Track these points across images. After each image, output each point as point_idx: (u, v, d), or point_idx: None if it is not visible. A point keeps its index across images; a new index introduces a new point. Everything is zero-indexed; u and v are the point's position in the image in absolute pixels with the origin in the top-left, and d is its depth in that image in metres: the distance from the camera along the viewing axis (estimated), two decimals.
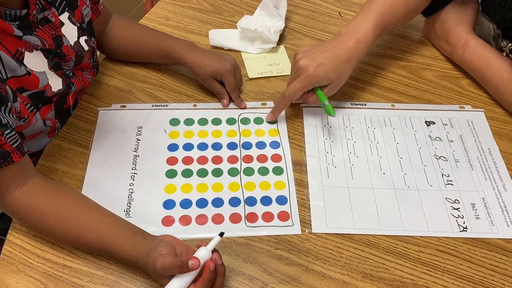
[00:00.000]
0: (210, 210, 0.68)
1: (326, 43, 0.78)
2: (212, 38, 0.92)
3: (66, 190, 0.66)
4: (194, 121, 0.79)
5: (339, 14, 1.01)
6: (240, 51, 0.92)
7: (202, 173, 0.72)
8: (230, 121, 0.80)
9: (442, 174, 0.74)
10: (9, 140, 0.59)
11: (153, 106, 0.81)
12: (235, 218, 0.67)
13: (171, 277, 0.56)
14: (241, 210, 0.68)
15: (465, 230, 0.67)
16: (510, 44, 0.84)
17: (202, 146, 0.76)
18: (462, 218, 0.69)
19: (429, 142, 0.78)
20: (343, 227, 0.67)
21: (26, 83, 0.64)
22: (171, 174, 0.72)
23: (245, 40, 0.92)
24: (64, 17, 0.70)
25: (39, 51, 0.66)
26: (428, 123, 0.81)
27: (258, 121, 0.80)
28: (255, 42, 0.91)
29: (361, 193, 0.71)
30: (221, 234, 0.58)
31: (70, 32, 0.71)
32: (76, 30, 0.72)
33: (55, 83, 0.68)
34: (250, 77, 0.87)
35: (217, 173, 0.72)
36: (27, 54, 0.64)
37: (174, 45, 0.82)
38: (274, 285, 0.61)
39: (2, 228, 0.75)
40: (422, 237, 0.67)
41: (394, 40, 0.96)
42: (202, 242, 0.58)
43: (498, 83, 0.82)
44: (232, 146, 0.76)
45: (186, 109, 0.81)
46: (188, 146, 0.76)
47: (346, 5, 1.03)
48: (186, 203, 0.69)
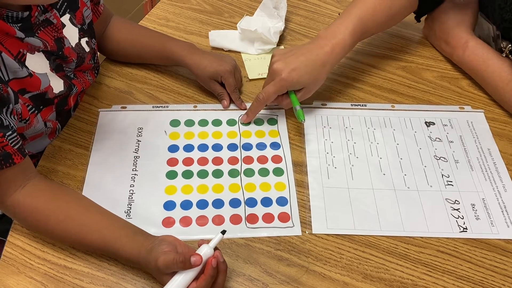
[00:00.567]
0: (210, 211, 0.68)
1: (302, 46, 0.77)
2: (212, 39, 0.92)
3: (67, 191, 0.66)
4: (195, 122, 0.79)
5: (339, 15, 1.01)
6: (240, 52, 0.92)
7: (203, 174, 0.72)
8: (231, 122, 0.80)
9: (442, 175, 0.74)
10: (10, 141, 0.59)
11: (153, 107, 0.81)
12: (236, 219, 0.67)
13: (173, 274, 0.56)
14: (241, 211, 0.68)
15: (465, 230, 0.68)
16: (510, 45, 0.84)
17: (203, 147, 0.76)
18: (462, 218, 0.69)
19: (429, 143, 0.78)
20: (344, 228, 0.67)
21: (27, 85, 0.64)
22: (172, 175, 0.72)
23: (245, 41, 0.92)
24: (65, 18, 0.70)
25: (41, 53, 0.66)
26: (428, 124, 0.81)
27: (259, 122, 0.80)
28: (255, 43, 0.92)
29: (361, 193, 0.71)
30: (223, 232, 0.59)
31: (71, 33, 0.71)
32: (77, 31, 0.73)
33: (57, 85, 0.69)
34: (250, 78, 0.87)
35: (217, 174, 0.72)
36: (29, 55, 0.64)
37: (174, 46, 0.82)
38: (275, 286, 0.61)
39: (3, 229, 0.75)
40: (422, 237, 0.67)
41: (394, 40, 0.96)
42: (203, 241, 0.58)
43: (497, 84, 0.83)
44: (232, 147, 0.76)
45: (187, 110, 0.81)
46: (188, 147, 0.76)
47: (346, 6, 1.03)
48: (186, 204, 0.69)
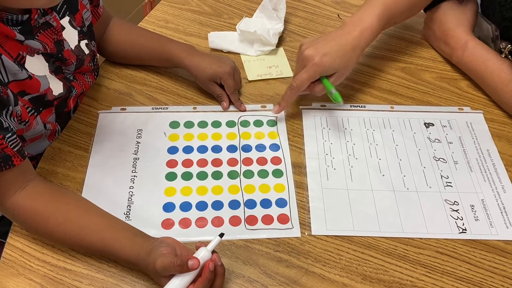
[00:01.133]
0: (209, 213, 0.68)
1: (331, 33, 0.78)
2: (211, 41, 0.92)
3: (66, 193, 0.66)
4: (194, 123, 0.80)
5: (338, 16, 1.01)
6: (239, 54, 0.92)
7: (202, 175, 0.72)
8: (230, 123, 0.80)
9: (441, 176, 0.74)
10: (10, 143, 0.59)
11: (153, 108, 0.81)
12: (235, 221, 0.67)
13: (171, 277, 0.56)
14: (240, 213, 0.68)
15: (464, 231, 0.68)
16: (509, 45, 0.84)
17: (202, 149, 0.76)
18: (461, 219, 0.69)
19: (428, 144, 0.78)
20: (343, 229, 0.67)
21: (27, 87, 0.64)
22: (171, 177, 0.72)
23: (244, 42, 0.92)
24: (65, 21, 0.70)
25: (40, 55, 0.66)
26: (427, 125, 0.81)
27: (258, 123, 0.80)
28: (254, 45, 0.92)
29: (360, 195, 0.71)
30: (221, 235, 0.59)
31: (70, 36, 0.71)
32: (76, 34, 0.73)
33: (56, 87, 0.69)
34: (250, 79, 0.87)
35: (217, 175, 0.73)
36: (29, 58, 0.64)
37: (174, 48, 0.82)
38: (274, 287, 0.61)
39: (2, 231, 0.75)
40: (421, 239, 0.67)
41: (393, 42, 0.96)
42: (201, 244, 0.58)
43: (497, 85, 0.83)
44: (232, 148, 0.76)
45: (186, 111, 0.81)
46: (188, 149, 0.76)
47: (345, 7, 1.03)
48: (186, 206, 0.69)
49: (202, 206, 0.69)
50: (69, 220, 0.61)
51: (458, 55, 0.87)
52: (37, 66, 0.65)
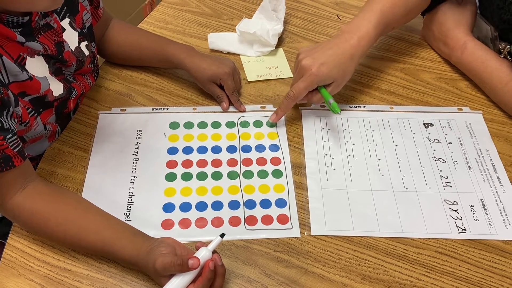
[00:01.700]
0: (209, 213, 0.68)
1: (328, 42, 0.78)
2: (211, 42, 0.92)
3: (67, 193, 0.67)
4: (194, 124, 0.80)
5: (338, 17, 1.01)
6: (239, 54, 0.92)
7: (202, 176, 0.73)
8: (230, 124, 0.80)
9: (441, 176, 0.74)
10: (10, 144, 0.59)
11: (152, 109, 0.81)
12: (235, 221, 0.68)
13: (171, 277, 0.56)
14: (240, 213, 0.68)
15: (463, 231, 0.68)
16: (508, 46, 0.84)
17: (202, 149, 0.76)
18: (461, 219, 0.69)
19: (427, 144, 0.78)
20: (342, 229, 0.67)
21: (27, 88, 0.64)
22: (171, 177, 0.72)
23: (244, 43, 0.93)
24: (65, 23, 0.71)
25: (41, 57, 0.66)
26: (426, 125, 0.81)
27: (258, 124, 0.80)
28: (254, 45, 0.92)
29: (360, 195, 0.71)
30: (222, 235, 0.59)
31: (71, 37, 0.71)
32: (77, 35, 0.73)
33: (56, 88, 0.69)
34: (249, 80, 0.87)
35: (216, 176, 0.73)
36: (29, 59, 0.64)
37: (174, 49, 0.82)
38: (274, 287, 0.61)
39: (2, 232, 0.75)
40: (421, 238, 0.67)
41: (392, 42, 0.96)
42: (201, 244, 0.58)
43: (496, 85, 0.83)
44: (231, 149, 0.77)
45: (186, 112, 0.81)
46: (187, 150, 0.76)
47: (345, 8, 1.04)
48: (185, 206, 0.69)
49: (202, 206, 0.69)
50: (69, 220, 0.62)
51: (457, 56, 0.88)
52: (37, 67, 0.65)
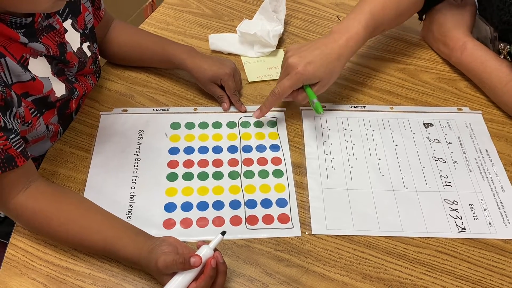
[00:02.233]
0: (210, 213, 0.69)
1: (316, 41, 0.78)
2: (212, 42, 0.93)
3: (69, 193, 0.67)
4: (195, 124, 0.80)
5: (338, 18, 1.02)
6: (239, 55, 0.93)
7: (203, 176, 0.73)
8: (231, 124, 0.80)
9: (441, 176, 0.75)
10: (13, 144, 0.60)
11: (154, 110, 0.82)
12: (236, 221, 0.68)
13: (173, 275, 0.57)
14: (241, 212, 0.69)
15: (463, 230, 0.68)
16: (508, 46, 0.84)
17: (203, 150, 0.77)
18: (461, 219, 0.69)
19: (427, 144, 0.79)
20: (343, 229, 0.68)
21: (30, 89, 0.65)
22: (172, 177, 0.73)
23: (244, 44, 0.93)
24: (67, 24, 0.71)
25: (43, 57, 0.67)
26: (426, 125, 0.82)
27: (258, 124, 0.81)
28: (255, 46, 0.92)
29: (360, 194, 0.72)
30: (223, 233, 0.59)
31: (73, 38, 0.72)
32: (79, 36, 0.73)
33: (59, 89, 0.69)
34: (250, 80, 0.88)
35: (217, 176, 0.73)
36: (32, 60, 0.65)
37: (174, 50, 0.82)
38: (275, 286, 0.62)
39: (5, 231, 0.76)
40: (421, 238, 0.67)
41: (392, 43, 0.97)
42: (203, 243, 0.59)
43: (495, 85, 0.83)
44: (232, 149, 0.77)
45: (187, 113, 0.82)
46: (189, 150, 0.76)
47: (344, 9, 1.04)
48: (187, 206, 0.69)
49: (203, 206, 0.69)
50: (71, 220, 0.62)
51: (457, 56, 0.88)
52: (40, 68, 0.66)
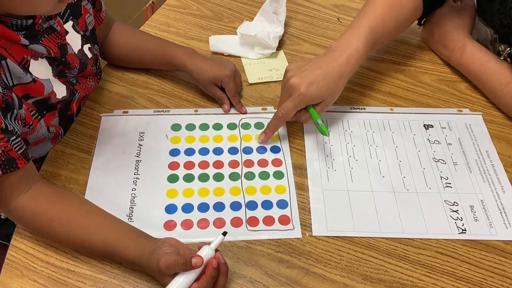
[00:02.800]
0: (211, 214, 0.69)
1: (316, 60, 0.76)
2: (212, 44, 0.93)
3: (69, 195, 0.67)
4: (196, 126, 0.80)
5: (338, 19, 1.02)
6: (240, 57, 0.93)
7: (204, 177, 0.73)
8: (231, 126, 0.81)
9: (441, 177, 0.75)
10: (14, 146, 0.60)
11: (154, 111, 0.82)
12: (236, 222, 0.68)
13: (174, 276, 0.57)
14: (242, 214, 0.69)
15: (464, 232, 0.68)
16: (508, 48, 0.84)
17: (204, 151, 0.77)
18: (461, 220, 0.69)
19: (427, 145, 0.79)
20: (343, 230, 0.68)
21: (31, 90, 0.65)
22: (173, 179, 0.73)
23: (245, 45, 0.93)
24: (68, 25, 0.71)
25: (44, 59, 0.67)
26: (426, 127, 0.82)
27: (259, 126, 0.81)
28: (255, 48, 0.92)
29: (360, 196, 0.72)
30: (224, 233, 0.59)
31: (74, 40, 0.72)
32: (80, 38, 0.73)
33: (60, 90, 0.69)
34: (250, 82, 0.88)
35: (218, 177, 0.73)
36: (33, 61, 0.65)
37: (175, 51, 0.83)
38: None
39: (6, 233, 0.76)
40: (421, 239, 0.67)
41: (392, 44, 0.97)
42: (204, 244, 0.59)
43: (495, 87, 0.83)
44: (233, 150, 0.77)
45: (188, 114, 0.82)
46: (189, 151, 0.77)
47: (345, 10, 1.04)
48: (187, 208, 0.69)
49: (203, 207, 0.69)
50: (72, 221, 0.62)
51: (457, 58, 0.88)
52: (41, 69, 0.66)
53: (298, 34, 0.98)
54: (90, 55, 0.76)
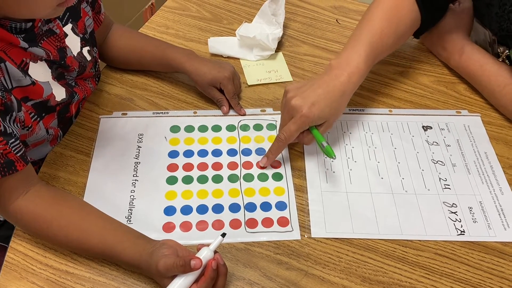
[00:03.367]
0: (210, 216, 0.69)
1: (317, 79, 0.74)
2: (211, 46, 0.93)
3: (69, 197, 0.67)
4: (194, 128, 0.80)
5: (337, 21, 1.02)
6: (239, 59, 0.93)
7: (203, 179, 0.73)
8: (230, 127, 0.81)
9: (440, 178, 0.75)
10: (13, 149, 0.60)
11: (153, 113, 0.82)
12: (235, 224, 0.68)
13: (173, 278, 0.57)
14: (241, 216, 0.69)
15: (462, 233, 0.68)
16: (507, 50, 0.85)
17: (202, 153, 0.77)
18: (460, 221, 0.69)
19: (426, 147, 0.79)
20: (342, 232, 0.68)
21: (30, 93, 0.65)
22: (172, 180, 0.73)
23: (244, 47, 0.93)
24: (67, 28, 0.71)
25: (43, 62, 0.67)
26: (425, 128, 0.82)
27: (258, 127, 0.81)
28: (254, 50, 0.93)
29: (359, 197, 0.72)
30: (223, 235, 0.59)
31: (73, 43, 0.72)
32: (79, 41, 0.74)
33: (59, 93, 0.70)
34: (249, 84, 0.88)
35: (217, 179, 0.73)
36: (32, 64, 0.65)
37: (174, 53, 0.83)
38: None
39: (5, 235, 0.76)
40: (420, 241, 0.67)
41: None
42: (203, 246, 0.59)
43: (494, 88, 0.83)
44: (232, 152, 0.77)
45: (187, 116, 0.82)
46: (188, 153, 0.77)
47: (344, 12, 1.04)
48: (186, 209, 0.69)
49: (202, 209, 0.69)
50: (71, 223, 0.62)
51: (456, 59, 0.88)
52: (40, 72, 0.66)
53: (297, 35, 0.99)
54: (89, 58, 0.76)
